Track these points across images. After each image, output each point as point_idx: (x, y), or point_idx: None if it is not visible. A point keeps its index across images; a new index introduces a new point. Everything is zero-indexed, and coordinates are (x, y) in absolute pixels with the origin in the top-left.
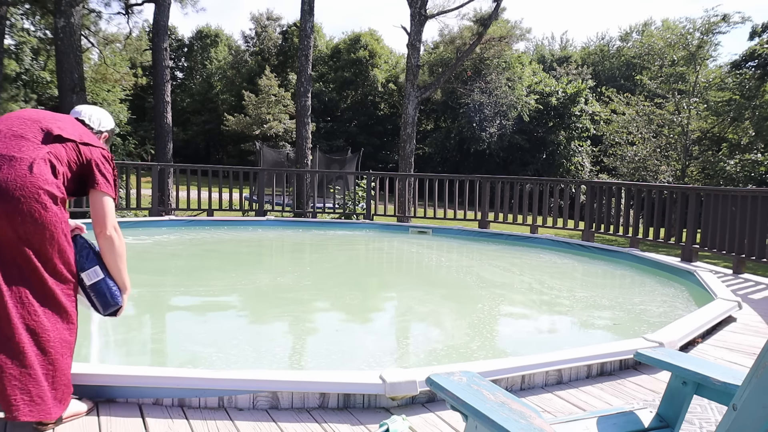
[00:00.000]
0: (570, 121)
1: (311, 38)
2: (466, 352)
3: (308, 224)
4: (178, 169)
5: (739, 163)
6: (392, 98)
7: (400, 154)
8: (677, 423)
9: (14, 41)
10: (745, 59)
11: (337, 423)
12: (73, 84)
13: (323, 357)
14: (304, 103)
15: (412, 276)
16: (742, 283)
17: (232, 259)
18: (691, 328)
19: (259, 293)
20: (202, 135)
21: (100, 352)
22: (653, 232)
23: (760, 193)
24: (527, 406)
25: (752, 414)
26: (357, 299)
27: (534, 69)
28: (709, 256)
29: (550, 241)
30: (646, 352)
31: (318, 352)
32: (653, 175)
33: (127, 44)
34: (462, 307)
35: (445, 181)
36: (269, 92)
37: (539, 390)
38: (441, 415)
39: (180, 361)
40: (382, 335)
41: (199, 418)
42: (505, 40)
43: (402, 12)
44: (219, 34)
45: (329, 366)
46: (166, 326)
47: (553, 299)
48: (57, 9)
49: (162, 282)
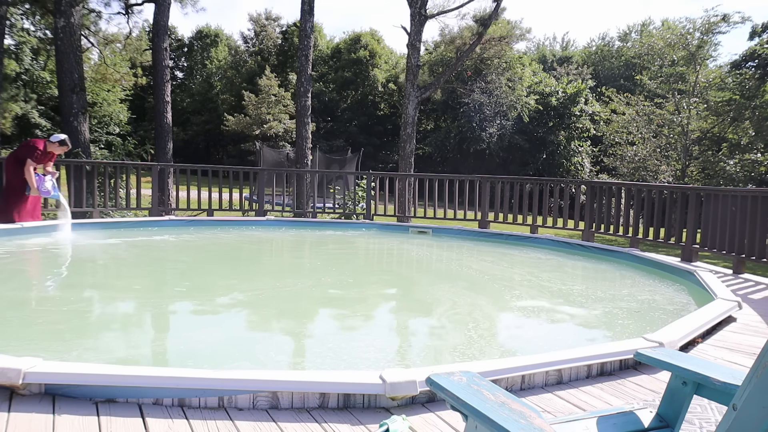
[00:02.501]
0: (570, 121)
1: (311, 38)
2: (466, 352)
3: (308, 224)
4: (178, 169)
5: (739, 163)
6: (392, 98)
7: (400, 154)
8: (677, 423)
9: (14, 41)
10: (745, 59)
11: (337, 423)
12: (73, 84)
13: (323, 357)
14: (304, 103)
15: (412, 276)
16: (742, 283)
17: (232, 259)
18: (691, 328)
19: (258, 293)
20: (202, 135)
21: (100, 352)
22: (653, 232)
23: (760, 193)
24: (527, 406)
25: (752, 414)
26: (357, 299)
27: (534, 69)
28: (709, 256)
29: (550, 241)
30: (646, 352)
31: (318, 351)
32: (653, 175)
33: (127, 44)
34: (462, 307)
35: (445, 181)
36: (269, 92)
37: (539, 390)
38: (441, 415)
39: (180, 361)
40: (382, 335)
41: (199, 418)
42: (505, 40)
43: (402, 12)
44: (219, 34)
45: (329, 366)
46: (165, 326)
47: (553, 299)
48: (57, 9)
49: (161, 282)
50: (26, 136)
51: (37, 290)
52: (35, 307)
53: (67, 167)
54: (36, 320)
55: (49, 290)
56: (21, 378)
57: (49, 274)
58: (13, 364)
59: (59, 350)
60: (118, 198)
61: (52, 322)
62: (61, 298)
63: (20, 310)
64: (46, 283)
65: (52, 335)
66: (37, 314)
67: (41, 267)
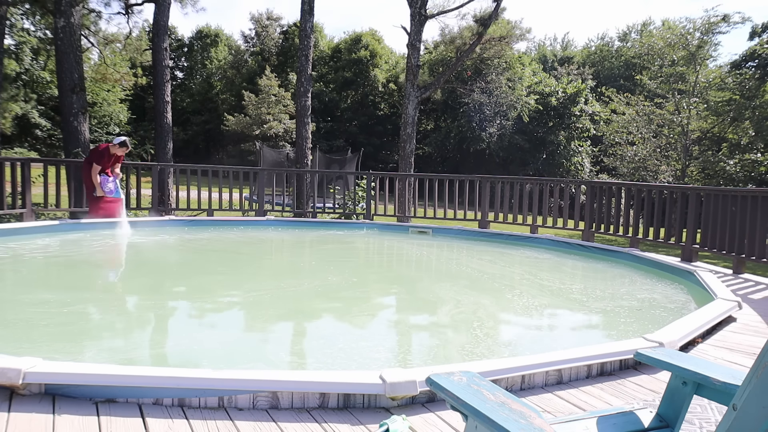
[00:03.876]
0: (570, 121)
1: (311, 38)
2: (466, 351)
3: (308, 224)
4: (178, 169)
5: (739, 163)
6: (392, 98)
7: (400, 154)
8: (677, 423)
9: (14, 41)
10: (745, 59)
11: (337, 423)
12: (73, 84)
13: (323, 357)
14: (304, 103)
15: (412, 276)
16: (742, 283)
17: (232, 259)
18: (691, 328)
19: (259, 293)
20: (202, 135)
21: (100, 352)
22: (653, 232)
23: (760, 193)
24: (527, 406)
25: (752, 414)
26: (357, 299)
27: (534, 69)
28: (709, 256)
29: (550, 241)
30: (646, 352)
31: (318, 351)
32: (653, 175)
33: (127, 44)
34: (462, 307)
35: (445, 181)
36: (269, 92)
37: (539, 390)
38: (441, 415)
39: (180, 361)
40: (382, 335)
41: (199, 418)
42: (505, 40)
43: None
44: (219, 34)
45: (329, 366)
46: (165, 326)
47: (553, 299)
48: (57, 9)
49: (161, 282)
50: (26, 136)
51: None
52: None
53: (67, 167)
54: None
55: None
56: (21, 378)
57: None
58: (13, 364)
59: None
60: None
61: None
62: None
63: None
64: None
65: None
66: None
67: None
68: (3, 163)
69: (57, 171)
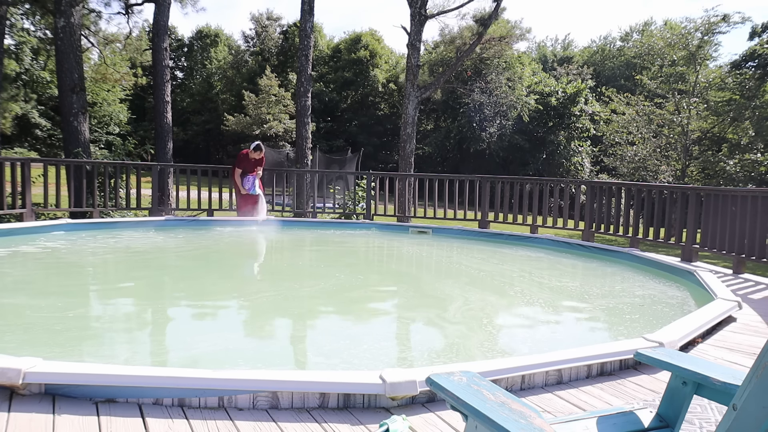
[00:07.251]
0: (570, 121)
1: (311, 38)
2: (466, 351)
3: (308, 224)
4: (178, 169)
5: (739, 163)
6: (392, 98)
7: (400, 154)
8: (677, 423)
9: (14, 41)
10: (745, 59)
11: (337, 423)
12: (73, 84)
13: (323, 357)
14: (304, 103)
15: (412, 276)
16: (742, 283)
17: (232, 259)
18: (691, 328)
19: (258, 293)
20: (202, 135)
21: (100, 352)
22: (653, 232)
23: (760, 193)
24: (527, 406)
25: (752, 414)
26: (356, 299)
27: (534, 69)
28: (709, 256)
29: (550, 241)
30: (646, 352)
31: (317, 351)
32: (653, 175)
33: (127, 44)
34: (462, 307)
35: (445, 181)
36: (269, 92)
37: (539, 390)
38: (441, 415)
39: (180, 361)
40: (381, 335)
41: (199, 418)
42: (505, 40)
43: (402, 12)
44: (219, 34)
45: (329, 366)
46: (165, 326)
47: (553, 299)
48: (57, 9)
49: (161, 282)
50: (26, 136)
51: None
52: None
53: (67, 167)
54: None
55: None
56: (21, 378)
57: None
58: (13, 364)
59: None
60: (118, 198)
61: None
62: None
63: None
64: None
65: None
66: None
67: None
68: (3, 163)
69: (57, 171)
